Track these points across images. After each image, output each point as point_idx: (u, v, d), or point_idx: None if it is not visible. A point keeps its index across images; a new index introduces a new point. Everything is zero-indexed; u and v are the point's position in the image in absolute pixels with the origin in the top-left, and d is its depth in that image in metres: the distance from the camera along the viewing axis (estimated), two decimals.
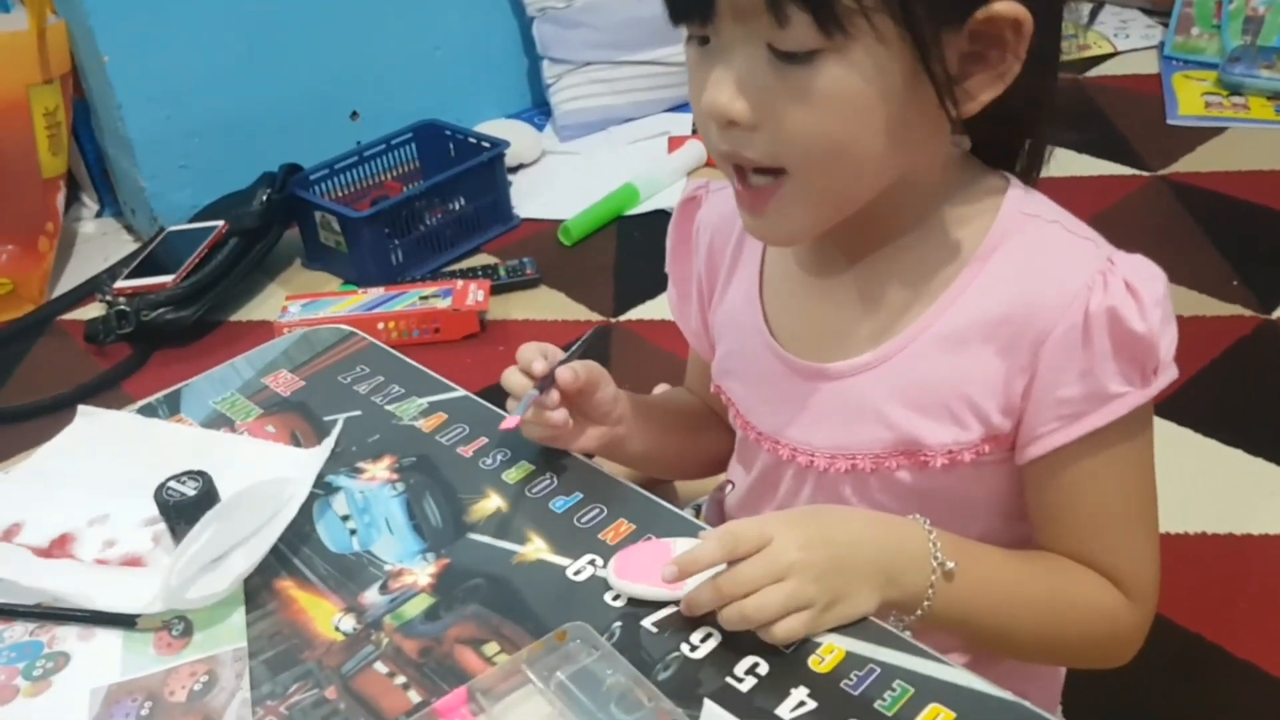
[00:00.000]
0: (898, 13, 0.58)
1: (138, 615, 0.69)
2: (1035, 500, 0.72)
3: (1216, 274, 1.81)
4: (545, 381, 0.76)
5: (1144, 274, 0.66)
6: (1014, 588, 0.70)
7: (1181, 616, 1.22)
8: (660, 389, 1.00)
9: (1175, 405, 0.71)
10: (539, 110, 2.55)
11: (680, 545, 0.68)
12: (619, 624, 0.66)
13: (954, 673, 0.61)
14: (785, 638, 0.62)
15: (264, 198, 1.99)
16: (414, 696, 0.63)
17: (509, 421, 0.75)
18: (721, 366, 0.84)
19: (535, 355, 0.77)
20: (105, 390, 1.78)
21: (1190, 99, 2.39)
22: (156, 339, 1.87)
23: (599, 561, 0.70)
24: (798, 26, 0.58)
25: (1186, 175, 2.12)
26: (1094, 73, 2.53)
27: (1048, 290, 0.66)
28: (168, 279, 1.88)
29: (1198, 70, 2.48)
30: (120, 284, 1.91)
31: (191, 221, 2.06)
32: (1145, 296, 0.65)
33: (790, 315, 0.77)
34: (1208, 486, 1.40)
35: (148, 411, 0.90)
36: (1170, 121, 2.32)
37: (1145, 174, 2.13)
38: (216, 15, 2.07)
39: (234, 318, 1.97)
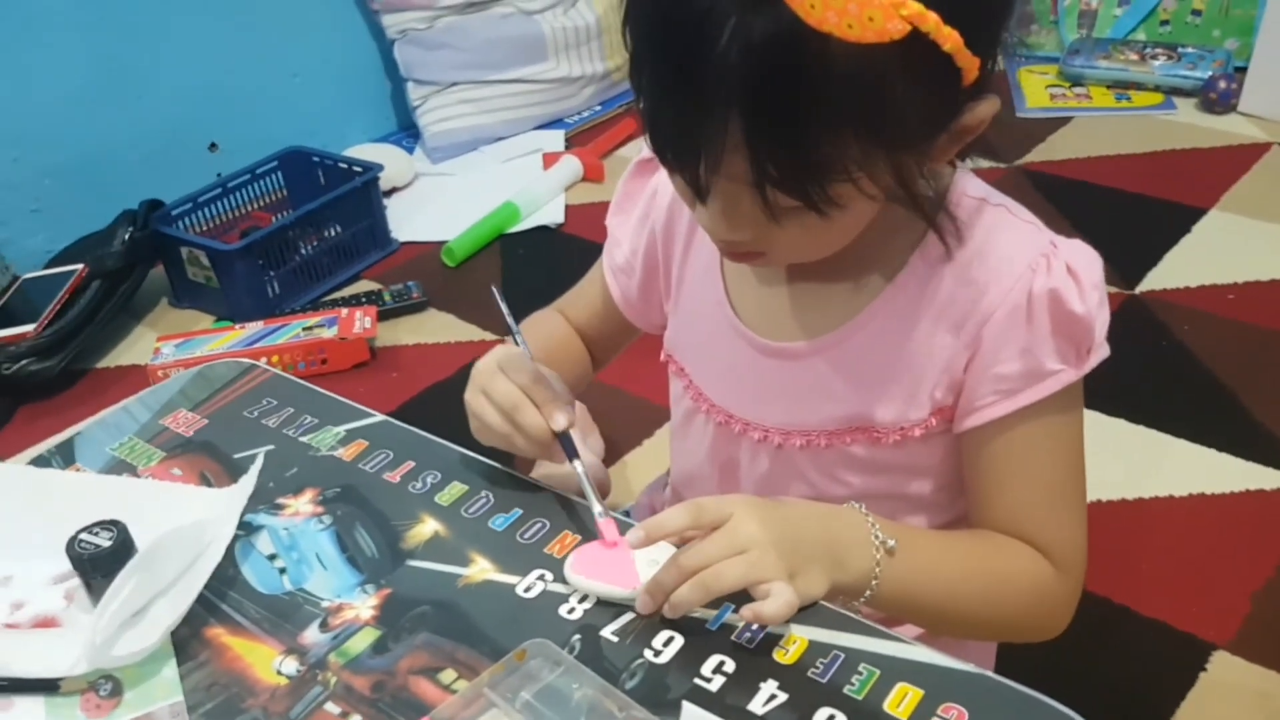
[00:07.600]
0: (887, 175, 0.60)
1: (60, 679, 0.64)
2: (970, 469, 0.74)
3: None
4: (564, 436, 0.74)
5: (1084, 258, 0.69)
6: (954, 565, 0.71)
7: (1089, 582, 1.23)
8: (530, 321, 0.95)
9: None
10: (407, 133, 2.51)
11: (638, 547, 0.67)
12: (578, 636, 0.64)
13: (916, 650, 0.62)
14: (774, 613, 0.61)
15: (125, 237, 1.90)
16: None
17: (610, 531, 0.69)
18: (675, 336, 0.84)
19: (528, 406, 0.74)
20: None
21: (1036, 92, 2.50)
22: (20, 393, 1.77)
23: (549, 576, 0.69)
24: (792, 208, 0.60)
25: (1040, 164, 2.22)
26: None
27: (994, 272, 0.69)
28: (28, 329, 1.78)
29: (1040, 65, 2.60)
30: None
31: (48, 267, 1.95)
32: (1085, 280, 0.68)
33: (750, 292, 0.77)
34: (1097, 456, 1.44)
35: (40, 463, 0.84)
36: (1020, 115, 2.42)
37: (1002, 166, 2.22)
38: (63, 50, 1.97)
39: (102, 364, 1.87)
